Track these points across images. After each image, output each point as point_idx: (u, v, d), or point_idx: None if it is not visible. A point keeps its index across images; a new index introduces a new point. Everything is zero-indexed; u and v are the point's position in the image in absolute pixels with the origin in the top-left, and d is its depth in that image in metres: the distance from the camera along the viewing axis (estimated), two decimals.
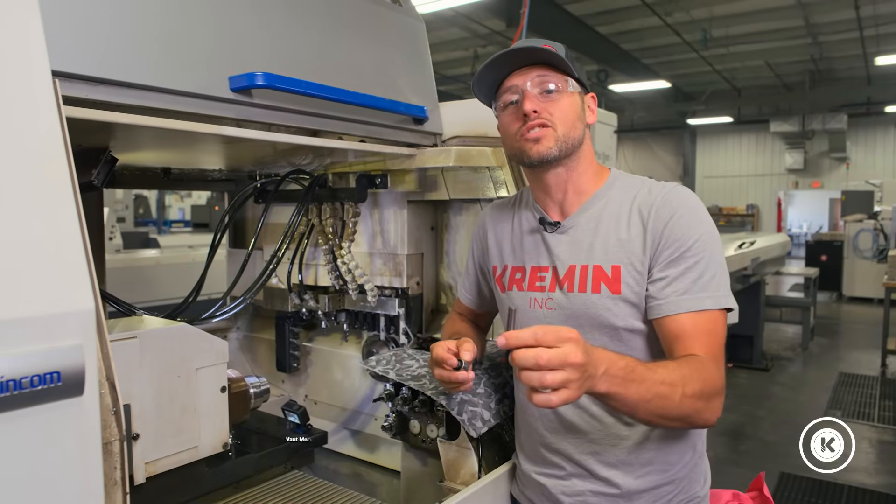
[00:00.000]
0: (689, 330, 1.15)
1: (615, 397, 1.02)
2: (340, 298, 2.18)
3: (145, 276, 4.39)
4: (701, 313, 1.16)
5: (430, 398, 1.56)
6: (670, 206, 1.22)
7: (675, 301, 1.17)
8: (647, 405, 1.05)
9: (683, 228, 1.19)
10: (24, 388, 0.68)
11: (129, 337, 1.34)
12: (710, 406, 1.12)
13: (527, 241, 1.38)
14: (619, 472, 1.26)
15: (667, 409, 1.07)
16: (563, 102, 1.26)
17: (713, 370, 1.13)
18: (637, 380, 1.03)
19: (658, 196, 1.25)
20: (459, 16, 10.44)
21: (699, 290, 1.17)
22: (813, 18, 10.97)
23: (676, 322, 1.16)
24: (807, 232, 19.58)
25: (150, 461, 1.40)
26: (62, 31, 1.00)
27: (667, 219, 1.21)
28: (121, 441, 0.81)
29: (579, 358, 0.93)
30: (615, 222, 1.26)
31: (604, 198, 1.31)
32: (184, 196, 16.48)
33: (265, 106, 1.37)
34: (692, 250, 1.18)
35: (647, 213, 1.23)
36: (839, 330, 9.41)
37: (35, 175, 0.76)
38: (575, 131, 1.27)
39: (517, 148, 1.28)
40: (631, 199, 1.28)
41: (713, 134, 19.44)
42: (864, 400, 5.82)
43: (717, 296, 1.18)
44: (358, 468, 2.17)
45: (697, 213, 1.22)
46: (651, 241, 1.21)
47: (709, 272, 1.18)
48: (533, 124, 1.24)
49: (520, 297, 1.37)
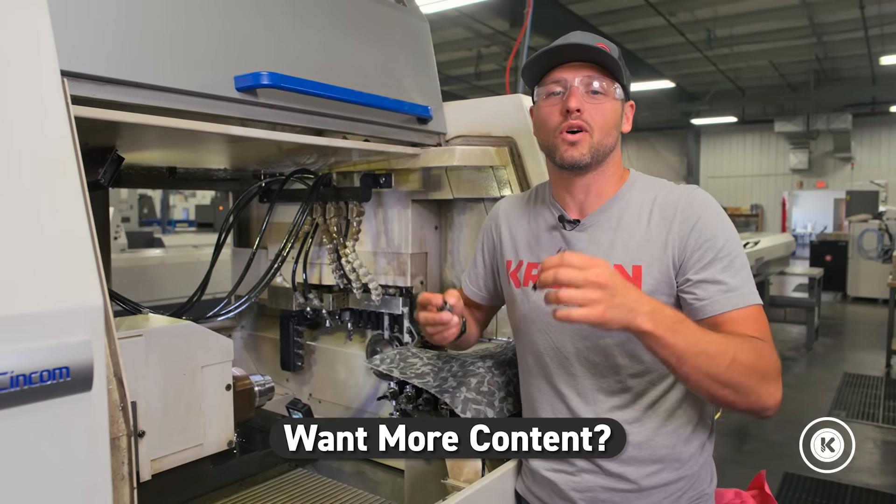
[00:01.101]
0: (737, 321, 1.16)
1: (660, 341, 1.04)
2: (345, 297, 2.18)
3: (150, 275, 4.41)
4: (744, 309, 1.18)
5: (434, 396, 1.57)
6: (695, 208, 1.23)
7: (720, 300, 1.18)
8: (695, 359, 1.06)
9: (712, 230, 1.21)
10: (34, 383, 0.69)
11: (135, 335, 1.35)
12: (766, 387, 1.12)
13: (544, 238, 1.37)
14: (630, 468, 1.26)
15: (715, 370, 1.07)
16: (605, 107, 1.25)
17: (768, 350, 1.14)
18: (685, 330, 1.05)
19: (681, 197, 1.25)
20: (463, 16, 10.45)
21: (740, 286, 1.18)
22: (817, 18, 10.95)
23: (724, 317, 1.18)
24: (811, 232, 19.55)
25: (156, 458, 1.41)
26: (70, 32, 1.01)
27: (694, 220, 1.21)
28: (128, 436, 0.82)
29: (602, 278, 0.98)
30: (636, 222, 1.27)
31: (624, 197, 1.31)
32: (188, 196, 16.53)
33: (270, 105, 1.38)
34: (724, 251, 1.19)
35: (671, 214, 1.24)
36: (844, 330, 9.38)
37: (45, 174, 0.77)
38: (609, 139, 1.27)
39: (551, 143, 1.28)
40: (651, 199, 1.28)
41: (717, 134, 19.42)
42: (869, 400, 5.81)
43: (754, 291, 1.20)
44: (362, 466, 2.18)
45: (721, 215, 1.24)
46: (676, 241, 1.22)
47: (743, 270, 1.20)
48: (572, 124, 1.23)
49: (537, 293, 1.34)
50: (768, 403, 1.13)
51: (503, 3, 9.31)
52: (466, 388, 1.54)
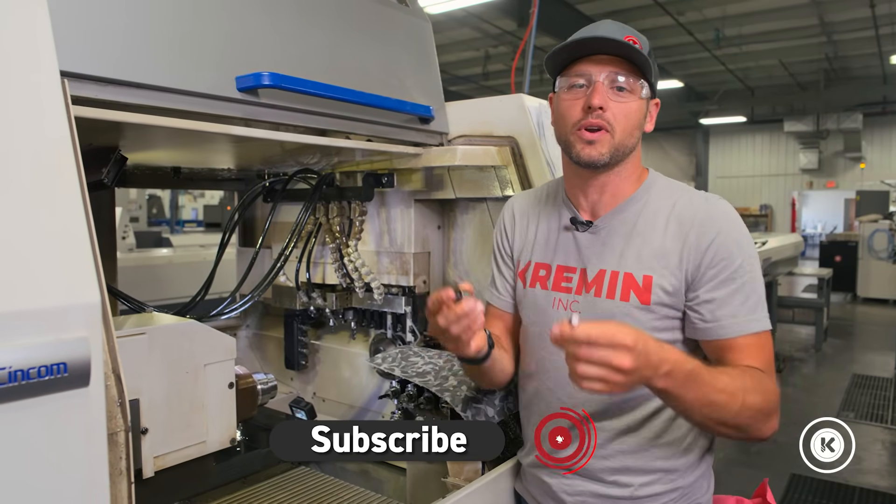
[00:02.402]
0: (742, 348, 1.15)
1: (672, 396, 1.05)
2: (348, 296, 2.19)
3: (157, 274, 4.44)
4: (753, 335, 1.16)
5: (435, 395, 1.58)
6: (715, 223, 1.18)
7: (727, 325, 1.16)
8: (704, 409, 1.07)
9: (730, 247, 1.17)
10: (32, 378, 0.71)
11: (139, 333, 1.36)
12: (768, 421, 1.13)
13: (553, 238, 1.33)
14: (624, 477, 1.24)
15: (723, 416, 1.08)
16: (630, 106, 1.19)
17: (770, 385, 1.13)
18: (698, 383, 1.05)
19: (701, 209, 1.20)
20: (471, 16, 10.46)
21: (748, 312, 1.16)
22: (827, 17, 10.89)
23: (731, 342, 1.16)
24: (821, 232, 19.41)
25: (159, 455, 1.42)
26: (72, 33, 1.02)
27: (712, 236, 1.17)
28: (126, 432, 0.83)
29: (626, 363, 0.95)
30: (650, 229, 1.22)
31: (640, 201, 1.26)
32: (197, 196, 16.61)
33: (273, 105, 1.39)
34: (740, 271, 1.16)
35: (688, 226, 1.19)
36: (853, 331, 9.32)
37: (44, 173, 0.79)
38: (631, 139, 1.21)
39: (569, 139, 1.22)
40: (670, 206, 1.23)
41: (726, 134, 19.33)
42: (878, 402, 5.76)
43: (764, 317, 1.18)
44: (365, 465, 2.19)
45: (740, 231, 1.20)
46: (692, 256, 1.17)
47: (755, 294, 1.17)
48: (593, 122, 1.17)
49: (543, 295, 1.32)
50: (766, 435, 1.14)
51: (510, 3, 9.31)
52: (467, 386, 1.54)
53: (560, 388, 1.29)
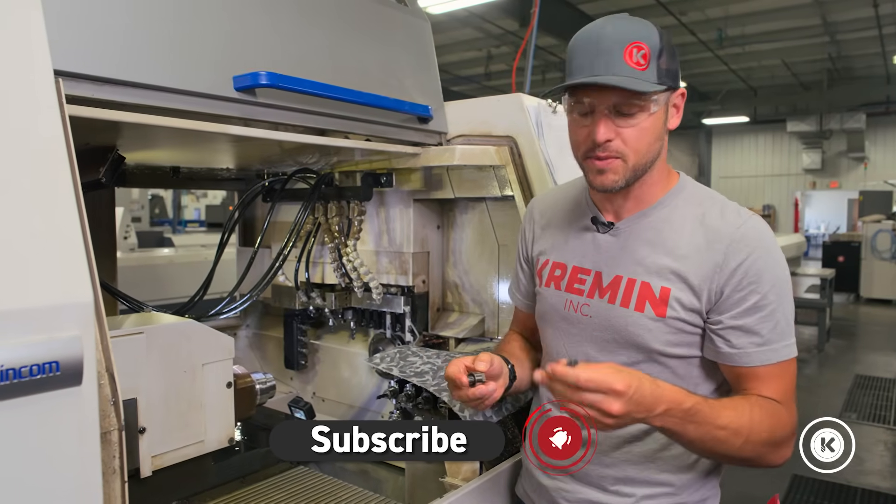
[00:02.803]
0: (762, 377, 1.12)
1: (671, 432, 1.05)
2: (347, 296, 2.19)
3: (159, 274, 4.44)
4: (777, 365, 1.12)
5: (433, 395, 1.58)
6: (747, 243, 1.11)
7: (752, 353, 1.11)
8: (705, 444, 1.07)
9: (760, 272, 1.10)
10: (24, 376, 0.71)
11: (136, 332, 1.36)
12: (778, 451, 1.11)
13: (573, 239, 1.28)
14: (626, 487, 1.21)
15: (727, 451, 1.08)
16: (642, 126, 1.11)
17: (784, 416, 1.11)
18: (698, 422, 1.04)
19: (733, 226, 1.13)
20: (473, 16, 10.45)
21: (776, 340, 1.12)
22: (830, 17, 10.86)
23: (750, 371, 1.13)
24: (824, 233, 19.37)
25: (157, 454, 1.42)
26: (68, 32, 1.02)
27: (742, 258, 1.10)
28: (119, 431, 0.83)
29: (616, 408, 0.96)
30: (675, 239, 1.16)
31: (667, 207, 1.19)
32: (200, 196, 16.63)
33: (271, 105, 1.39)
34: (768, 297, 1.10)
35: (716, 242, 1.12)
36: (856, 332, 9.29)
37: (37, 172, 0.79)
38: (649, 155, 1.14)
39: (581, 165, 1.18)
40: (698, 216, 1.16)
41: (729, 134, 19.30)
42: (881, 402, 5.75)
43: (790, 344, 1.13)
44: (364, 465, 2.19)
45: (773, 254, 1.13)
46: (717, 276, 1.11)
47: (784, 320, 1.12)
48: (601, 155, 1.12)
49: (555, 296, 1.28)
50: (776, 463, 1.13)
51: (513, 3, 9.31)
52: None
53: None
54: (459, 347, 2.03)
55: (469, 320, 2.07)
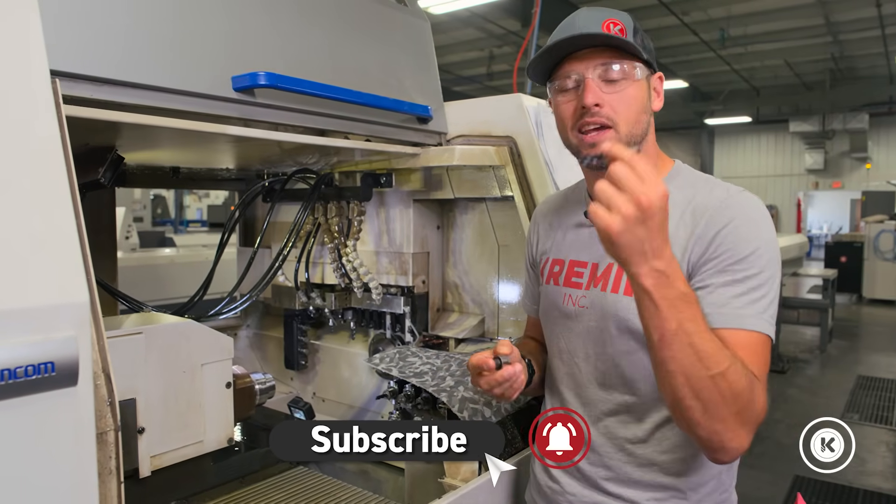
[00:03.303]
0: (731, 345, 0.98)
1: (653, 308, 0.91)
2: (347, 296, 2.19)
3: (160, 274, 4.45)
4: (743, 332, 1.01)
5: (432, 395, 1.58)
6: (728, 212, 1.07)
7: (712, 314, 1.01)
8: (681, 348, 0.92)
9: (738, 239, 1.05)
10: (19, 377, 0.71)
11: (135, 332, 1.36)
12: (737, 426, 0.96)
13: (570, 234, 1.29)
14: (630, 490, 1.18)
15: (696, 372, 0.92)
16: (628, 93, 1.11)
17: (761, 392, 0.98)
18: (686, 312, 0.91)
19: (717, 198, 1.10)
20: (475, 16, 10.45)
21: (744, 306, 1.01)
22: (833, 17, 10.84)
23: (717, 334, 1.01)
24: (827, 233, 19.35)
25: (156, 455, 1.42)
26: (66, 33, 1.02)
27: (721, 225, 1.06)
28: (116, 431, 0.83)
29: (644, 199, 0.86)
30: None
31: None
32: (202, 196, 16.67)
33: (270, 105, 1.39)
34: (743, 263, 1.03)
35: (700, 216, 1.09)
36: (858, 332, 9.28)
37: (33, 172, 0.79)
38: (639, 126, 1.13)
39: (573, 144, 1.16)
40: (689, 198, 1.13)
41: (731, 134, 19.28)
42: (883, 403, 5.74)
43: (763, 319, 1.02)
44: (364, 465, 2.18)
45: (758, 224, 1.07)
46: (696, 245, 1.07)
47: (759, 291, 1.02)
48: (591, 121, 1.10)
49: (554, 292, 1.27)
50: (731, 444, 0.97)
51: (515, 3, 9.31)
52: (464, 387, 1.54)
53: (566, 387, 1.27)
54: (459, 348, 2.03)
55: (469, 321, 2.06)
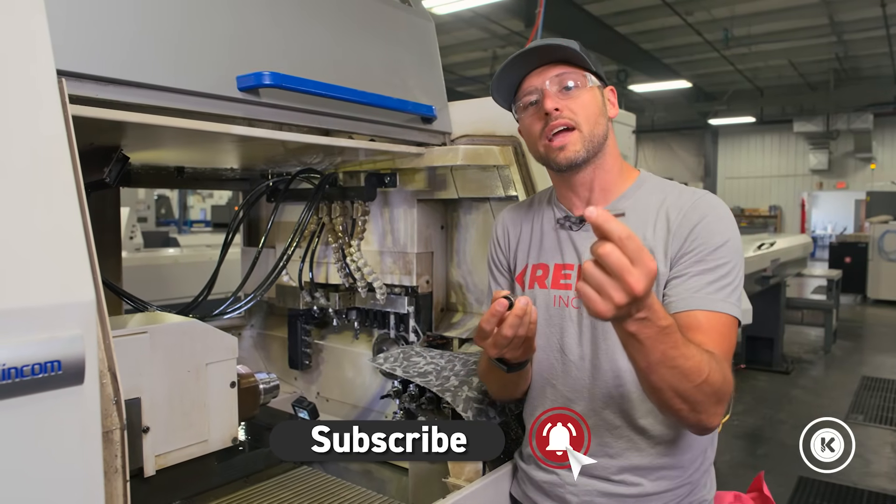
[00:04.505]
0: (703, 326, 1.11)
1: (639, 344, 0.96)
2: (351, 296, 2.19)
3: (163, 274, 4.46)
4: (714, 314, 1.12)
5: (436, 395, 1.57)
6: (700, 211, 1.20)
7: (688, 298, 1.14)
8: (666, 372, 0.99)
9: (711, 233, 1.17)
10: (25, 375, 0.71)
11: (140, 332, 1.37)
12: (717, 408, 1.07)
13: (548, 239, 1.35)
14: (631, 476, 1.24)
15: (683, 386, 1.01)
16: (584, 98, 1.23)
17: (728, 371, 1.08)
18: (669, 343, 0.97)
19: (688, 201, 1.22)
20: (478, 16, 10.45)
21: (715, 291, 1.14)
22: (837, 16, 10.81)
23: (691, 317, 1.12)
24: (831, 234, 19.29)
25: (161, 454, 1.42)
26: (72, 33, 1.03)
27: (695, 222, 1.18)
28: (122, 430, 0.83)
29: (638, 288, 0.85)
30: (641, 225, 1.23)
31: (631, 198, 1.28)
32: (206, 197, 16.70)
33: (275, 105, 1.39)
34: (716, 254, 1.16)
35: (674, 217, 1.21)
36: (863, 333, 9.25)
37: (39, 171, 0.79)
38: (599, 127, 1.24)
39: (542, 152, 1.26)
40: (660, 201, 1.25)
41: (735, 134, 19.22)
42: (887, 404, 5.72)
43: (731, 303, 1.14)
44: (368, 465, 2.19)
45: (726, 221, 1.20)
46: (674, 243, 1.19)
47: (728, 279, 1.15)
48: (555, 124, 1.21)
49: (542, 294, 1.33)
50: (713, 423, 1.09)
51: (518, 4, 9.30)
52: (468, 387, 1.54)
53: (563, 385, 1.29)
54: (463, 348, 2.03)
55: (473, 321, 2.06)
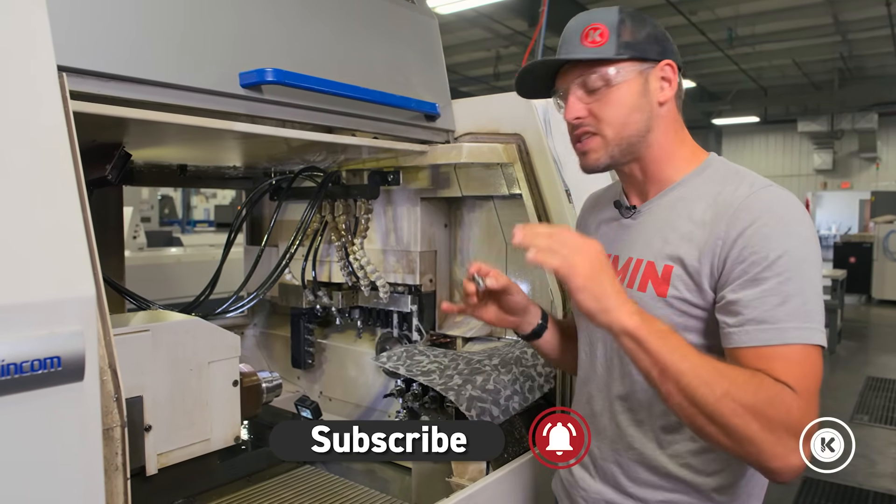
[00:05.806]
0: (766, 359, 0.95)
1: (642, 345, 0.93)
2: (354, 295, 2.19)
3: (167, 273, 4.46)
4: (783, 347, 0.95)
5: (440, 394, 1.57)
6: (751, 211, 1.01)
7: (750, 332, 0.96)
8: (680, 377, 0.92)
9: (765, 240, 0.98)
10: (25, 371, 0.70)
11: (142, 330, 1.36)
12: (773, 440, 0.90)
13: (603, 229, 1.29)
14: (643, 490, 1.15)
15: (701, 398, 0.91)
16: (612, 98, 1.11)
17: (788, 398, 0.91)
18: (672, 342, 0.94)
19: (742, 196, 1.04)
20: (481, 16, 10.43)
21: (783, 319, 0.95)
22: (842, 16, 10.77)
23: (749, 352, 0.97)
24: (836, 233, 19.21)
25: (163, 452, 1.42)
26: (73, 29, 1.02)
27: (744, 226, 1.00)
28: (122, 427, 0.82)
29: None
30: (686, 217, 1.09)
31: (686, 185, 1.14)
32: (209, 196, 16.70)
33: (278, 102, 1.38)
34: (775, 268, 0.96)
35: (722, 216, 1.03)
36: (867, 333, 9.21)
37: (40, 168, 0.78)
38: (629, 127, 1.12)
39: (575, 151, 1.21)
40: (715, 192, 1.08)
41: (739, 134, 19.18)
42: (892, 405, 5.69)
43: (808, 328, 0.95)
44: (371, 464, 2.18)
45: (787, 224, 1.00)
46: (720, 249, 1.02)
47: (797, 298, 0.95)
48: (579, 133, 1.15)
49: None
50: (774, 464, 0.92)
51: (521, 3, 9.27)
52: (472, 385, 1.53)
53: (593, 384, 1.24)
54: (466, 347, 2.02)
55: (476, 320, 2.05)
